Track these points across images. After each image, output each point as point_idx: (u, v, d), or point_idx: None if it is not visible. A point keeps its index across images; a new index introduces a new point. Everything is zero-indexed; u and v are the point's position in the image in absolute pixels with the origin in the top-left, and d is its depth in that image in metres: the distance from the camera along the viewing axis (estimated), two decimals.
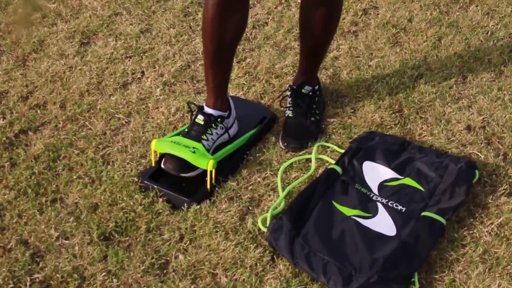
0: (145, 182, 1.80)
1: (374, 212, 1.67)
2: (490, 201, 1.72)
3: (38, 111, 2.07)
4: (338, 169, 1.77)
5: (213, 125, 1.82)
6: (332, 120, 2.01)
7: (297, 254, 1.55)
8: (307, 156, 1.88)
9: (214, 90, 1.83)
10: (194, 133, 1.81)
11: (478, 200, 1.72)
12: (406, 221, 1.64)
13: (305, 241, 1.58)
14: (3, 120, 2.01)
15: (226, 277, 1.55)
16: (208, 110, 1.84)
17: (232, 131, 1.93)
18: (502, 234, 1.64)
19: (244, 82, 2.19)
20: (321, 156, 1.88)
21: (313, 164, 1.85)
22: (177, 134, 1.84)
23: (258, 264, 1.57)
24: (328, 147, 1.92)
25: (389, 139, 1.86)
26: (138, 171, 1.85)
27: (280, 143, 1.93)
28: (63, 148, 1.93)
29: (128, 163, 1.88)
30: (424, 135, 1.95)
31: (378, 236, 1.60)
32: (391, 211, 1.67)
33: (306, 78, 1.98)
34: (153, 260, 1.59)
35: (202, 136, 1.80)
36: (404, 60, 2.27)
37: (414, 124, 1.99)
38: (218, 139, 1.86)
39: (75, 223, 1.69)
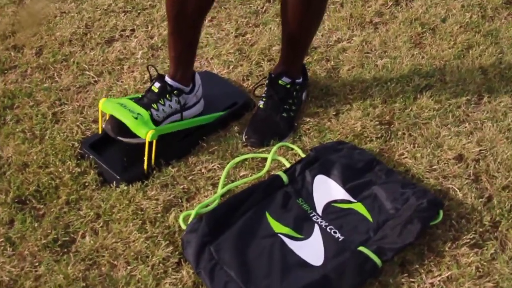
0: (84, 149, 1.68)
1: (307, 234, 1.47)
2: (447, 249, 1.46)
3: (13, 53, 1.99)
4: (285, 177, 1.57)
5: (167, 95, 1.66)
6: (309, 119, 1.80)
7: (202, 263, 1.39)
8: (264, 155, 1.69)
9: (174, 60, 1.67)
10: (146, 100, 1.66)
11: (435, 244, 1.48)
12: (339, 253, 1.43)
13: (217, 251, 1.41)
14: None
15: (124, 270, 1.42)
16: (167, 79, 1.68)
17: (193, 112, 1.76)
18: None
19: (232, 60, 2.01)
20: (279, 158, 1.68)
21: (267, 165, 1.65)
22: (131, 99, 1.69)
23: (162, 265, 1.42)
24: (292, 149, 1.71)
25: (357, 155, 1.63)
26: (84, 136, 1.73)
27: (243, 135, 1.75)
28: (20, 97, 1.84)
29: (77, 125, 1.76)
30: (404, 157, 1.70)
31: (300, 263, 1.40)
32: (326, 237, 1.46)
33: (286, 68, 1.77)
34: (58, 236, 1.48)
35: (153, 105, 1.64)
36: (417, 65, 1.99)
37: (399, 141, 1.74)
38: (172, 115, 1.69)
39: None
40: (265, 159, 1.67)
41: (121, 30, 2.10)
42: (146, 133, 1.58)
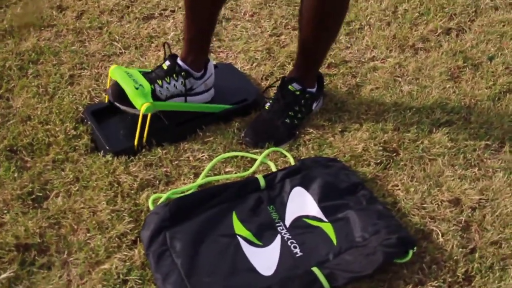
0: (85, 114, 1.72)
1: (266, 243, 1.43)
2: None
3: (55, 12, 2.08)
4: (262, 182, 1.54)
5: (174, 75, 1.67)
6: (313, 131, 1.75)
7: (153, 246, 1.39)
8: (255, 156, 1.66)
9: (186, 42, 1.68)
10: (153, 75, 1.68)
11: (396, 284, 1.39)
12: (291, 268, 1.38)
13: (171, 238, 1.41)
14: (19, 10, 2.05)
15: (82, 236, 1.45)
16: (178, 60, 1.69)
17: (200, 99, 1.76)
18: None
19: (258, 58, 1.99)
20: (269, 162, 1.65)
21: (254, 167, 1.63)
22: (140, 71, 1.71)
23: (118, 239, 1.44)
24: (285, 156, 1.68)
25: (344, 175, 1.57)
26: (91, 103, 1.78)
27: (242, 133, 1.73)
28: (47, 54, 1.92)
29: (89, 91, 1.82)
30: (397, 189, 1.62)
31: (248, 269, 1.37)
32: (285, 250, 1.42)
33: (298, 74, 1.73)
34: (34, 190, 1.54)
35: (158, 80, 1.66)
36: (445, 99, 1.89)
37: (398, 171, 1.66)
38: (176, 97, 1.70)
39: None
40: (255, 160, 1.65)
41: (162, 9, 2.14)
42: (142, 105, 1.60)
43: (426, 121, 1.80)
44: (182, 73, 1.68)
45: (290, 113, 1.72)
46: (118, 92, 1.64)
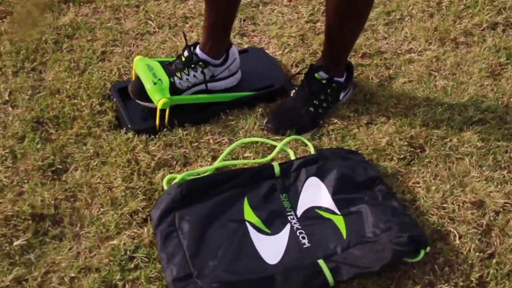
0: (112, 91, 1.75)
1: (275, 231, 1.42)
2: None
3: None
4: (277, 169, 1.52)
5: (192, 66, 1.67)
6: (337, 121, 1.71)
7: (162, 226, 1.40)
8: (275, 143, 1.64)
9: (205, 30, 1.67)
10: (173, 67, 1.68)
11: (404, 283, 1.35)
12: (297, 259, 1.36)
13: (180, 219, 1.41)
14: None
15: (95, 211, 1.47)
16: (197, 49, 1.69)
17: (224, 84, 1.75)
18: None
19: (291, 43, 1.96)
20: (289, 150, 1.63)
21: (273, 154, 1.61)
22: (162, 62, 1.72)
23: (129, 216, 1.46)
24: (306, 145, 1.65)
25: (362, 169, 1.53)
26: (119, 80, 1.80)
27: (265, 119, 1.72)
28: (82, 29, 1.95)
29: (118, 68, 1.84)
30: (418, 186, 1.57)
31: (254, 256, 1.36)
32: (293, 240, 1.40)
33: (325, 63, 1.69)
34: (55, 162, 1.57)
35: (177, 73, 1.67)
36: (481, 96, 1.81)
37: (422, 169, 1.60)
38: (197, 85, 1.70)
39: (29, 94, 1.73)
40: (275, 147, 1.63)
41: None
42: (159, 101, 1.61)
43: (458, 118, 1.74)
44: (200, 63, 1.67)
45: (315, 101, 1.69)
46: (138, 90, 1.66)
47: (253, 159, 1.61)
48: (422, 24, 2.06)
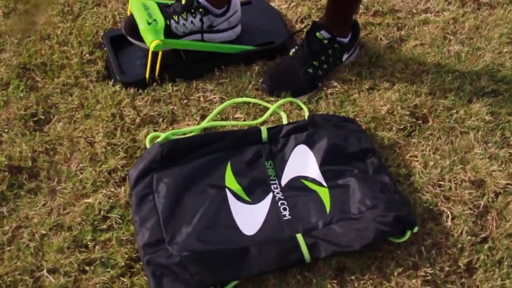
0: (103, 39, 1.67)
1: (255, 200, 1.35)
2: (397, 274, 1.26)
3: None
4: (265, 134, 1.44)
5: (192, 11, 1.57)
6: (337, 84, 1.61)
7: (138, 187, 1.35)
8: (268, 104, 1.56)
9: None
10: (171, 9, 1.59)
11: (386, 264, 1.28)
12: (275, 231, 1.30)
13: (157, 181, 1.36)
14: None
15: (74, 167, 1.42)
16: None
17: (222, 36, 1.65)
18: None
19: None
20: (282, 113, 1.54)
21: (265, 116, 1.53)
22: (161, 3, 1.63)
23: (108, 174, 1.40)
24: (301, 108, 1.56)
25: (355, 139, 1.43)
26: (113, 27, 1.72)
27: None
28: None
29: (113, 14, 1.76)
30: (415, 160, 1.47)
31: (230, 225, 1.30)
32: (273, 211, 1.33)
33: (327, 21, 1.57)
34: (38, 112, 1.52)
35: (174, 16, 1.57)
36: (498, 65, 1.68)
37: (422, 141, 1.50)
38: (194, 33, 1.61)
39: (18, 38, 1.67)
40: (268, 109, 1.55)
41: None
42: (151, 42, 1.52)
43: (468, 88, 1.62)
44: (200, 10, 1.57)
45: (314, 62, 1.59)
46: (131, 26, 1.57)
47: (244, 120, 1.53)
48: None
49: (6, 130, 1.48)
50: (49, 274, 1.24)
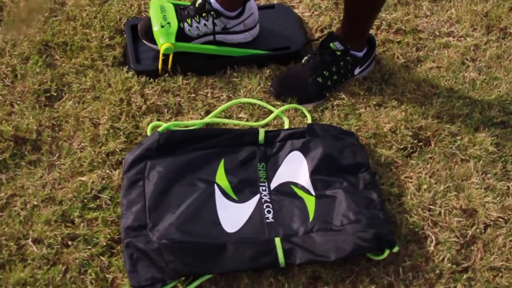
0: (124, 26, 1.72)
1: (242, 199, 1.37)
2: None
3: None
4: (261, 137, 1.46)
5: (204, 14, 1.61)
6: (345, 97, 1.62)
7: (131, 172, 1.38)
8: (273, 108, 1.58)
9: None
10: (186, 12, 1.63)
11: (360, 280, 1.28)
12: (256, 232, 1.31)
13: (150, 169, 1.39)
14: None
15: (76, 144, 1.47)
16: None
17: (237, 38, 1.68)
18: None
19: (322, 6, 1.85)
20: (285, 118, 1.56)
21: (267, 119, 1.55)
22: (180, 5, 1.67)
23: (105, 156, 1.45)
24: (305, 116, 1.57)
25: (350, 152, 1.44)
26: (137, 16, 1.77)
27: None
28: None
29: (139, 4, 1.81)
30: (409, 181, 1.46)
31: (212, 221, 1.33)
32: (257, 212, 1.35)
33: (343, 33, 1.58)
34: (51, 88, 1.58)
35: (188, 19, 1.61)
36: (511, 97, 1.66)
37: (419, 163, 1.49)
38: (208, 35, 1.65)
39: (45, 16, 1.75)
40: (272, 112, 1.57)
41: None
42: (162, 45, 1.57)
43: (477, 116, 1.60)
44: (212, 13, 1.60)
45: (324, 72, 1.60)
46: (146, 29, 1.63)
47: (246, 121, 1.56)
48: (473, 7, 1.89)
49: (18, 102, 1.54)
50: (33, 244, 1.29)
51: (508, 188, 1.47)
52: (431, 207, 1.42)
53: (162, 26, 1.59)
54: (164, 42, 1.57)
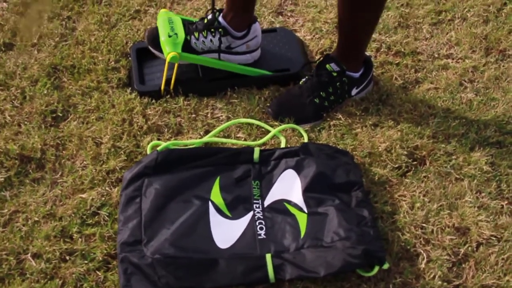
0: (130, 50, 1.78)
1: (235, 216, 1.41)
2: None
3: None
4: (256, 155, 1.49)
5: (212, 29, 1.66)
6: (342, 117, 1.65)
7: (128, 189, 1.43)
8: (270, 128, 1.61)
9: (228, 1, 1.64)
10: (194, 26, 1.68)
11: None
12: (248, 248, 1.34)
13: (147, 186, 1.44)
14: None
15: (79, 163, 1.53)
16: (220, 16, 1.68)
17: (240, 59, 1.73)
18: None
19: (323, 30, 1.90)
20: (282, 137, 1.59)
21: (265, 138, 1.59)
22: (186, 20, 1.73)
23: (106, 174, 1.50)
24: (302, 136, 1.61)
25: (344, 171, 1.46)
26: (143, 40, 1.84)
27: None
28: None
29: (146, 28, 1.87)
30: (403, 200, 1.48)
31: (205, 236, 1.36)
32: (250, 229, 1.38)
33: (338, 54, 1.62)
34: (57, 109, 1.64)
35: (195, 33, 1.67)
36: (508, 117, 1.66)
37: (414, 182, 1.51)
38: (213, 52, 1.70)
39: (56, 41, 1.82)
40: (268, 131, 1.61)
41: None
42: (168, 53, 1.62)
43: (472, 136, 1.61)
44: (220, 30, 1.66)
45: (321, 93, 1.64)
46: (153, 36, 1.67)
47: (244, 140, 1.60)
48: (472, 30, 1.91)
49: (25, 122, 1.61)
50: (32, 258, 1.34)
51: (502, 206, 1.48)
52: (424, 225, 1.43)
53: (170, 36, 1.64)
54: (170, 51, 1.62)
